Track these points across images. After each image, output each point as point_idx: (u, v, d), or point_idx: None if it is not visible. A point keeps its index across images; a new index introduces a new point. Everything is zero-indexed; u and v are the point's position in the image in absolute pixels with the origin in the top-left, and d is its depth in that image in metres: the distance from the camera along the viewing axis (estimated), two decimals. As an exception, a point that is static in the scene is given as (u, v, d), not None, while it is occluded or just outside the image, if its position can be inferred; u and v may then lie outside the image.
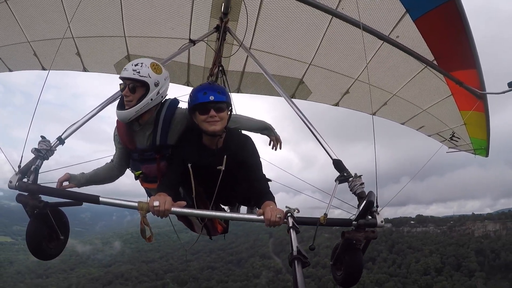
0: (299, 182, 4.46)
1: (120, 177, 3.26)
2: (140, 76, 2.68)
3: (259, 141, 3.50)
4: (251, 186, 2.86)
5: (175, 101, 3.03)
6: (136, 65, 2.71)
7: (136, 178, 3.18)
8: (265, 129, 3.50)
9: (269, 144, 3.61)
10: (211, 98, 2.70)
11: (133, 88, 2.71)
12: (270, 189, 2.87)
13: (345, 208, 2.79)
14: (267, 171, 3.04)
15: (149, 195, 3.34)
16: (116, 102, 2.93)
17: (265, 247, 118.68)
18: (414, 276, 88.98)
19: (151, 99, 2.76)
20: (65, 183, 2.90)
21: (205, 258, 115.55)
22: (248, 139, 3.05)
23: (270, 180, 3.04)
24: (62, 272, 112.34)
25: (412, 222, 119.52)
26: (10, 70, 5.43)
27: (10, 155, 2.69)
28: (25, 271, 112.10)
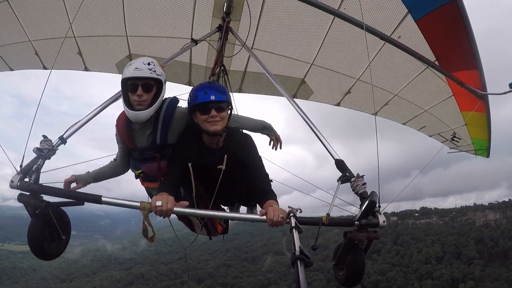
0: (310, 180, 4.48)
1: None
2: (157, 75, 2.72)
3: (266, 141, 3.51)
4: (252, 184, 2.85)
5: (175, 100, 3.02)
6: (149, 64, 2.72)
7: (137, 177, 3.17)
8: (264, 128, 3.48)
9: (269, 144, 3.61)
10: (212, 97, 2.69)
11: (148, 87, 2.71)
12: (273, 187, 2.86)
13: (348, 208, 2.79)
14: (274, 173, 3.03)
15: (150, 194, 3.34)
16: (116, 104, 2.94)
17: (278, 244, 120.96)
18: (415, 266, 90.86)
19: (163, 97, 2.80)
20: (73, 185, 2.91)
21: (221, 257, 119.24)
22: (248, 137, 3.04)
23: (271, 180, 3.02)
24: (85, 276, 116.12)
25: (416, 214, 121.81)
26: (11, 69, 5.43)
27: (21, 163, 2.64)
28: (49, 277, 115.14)
